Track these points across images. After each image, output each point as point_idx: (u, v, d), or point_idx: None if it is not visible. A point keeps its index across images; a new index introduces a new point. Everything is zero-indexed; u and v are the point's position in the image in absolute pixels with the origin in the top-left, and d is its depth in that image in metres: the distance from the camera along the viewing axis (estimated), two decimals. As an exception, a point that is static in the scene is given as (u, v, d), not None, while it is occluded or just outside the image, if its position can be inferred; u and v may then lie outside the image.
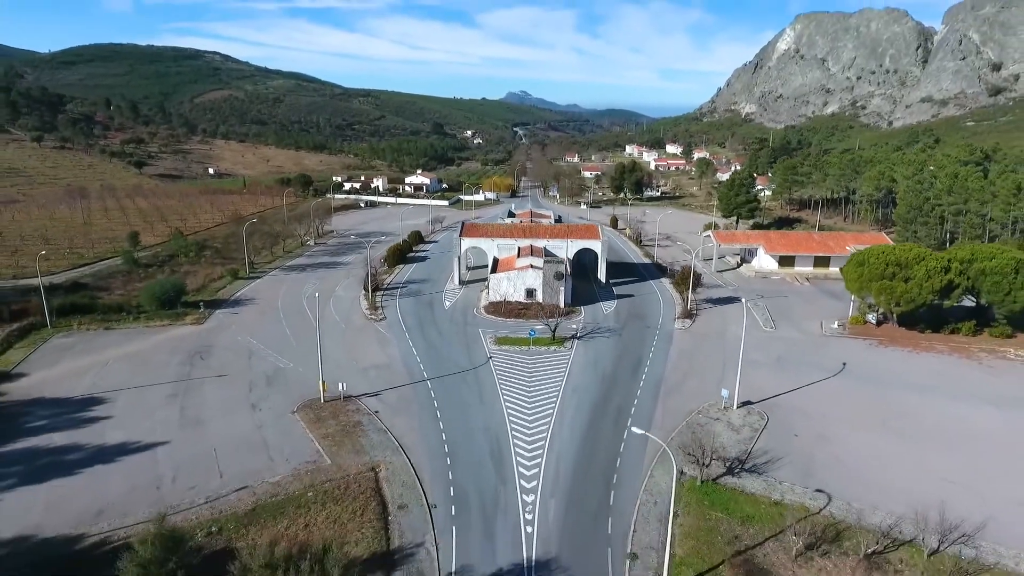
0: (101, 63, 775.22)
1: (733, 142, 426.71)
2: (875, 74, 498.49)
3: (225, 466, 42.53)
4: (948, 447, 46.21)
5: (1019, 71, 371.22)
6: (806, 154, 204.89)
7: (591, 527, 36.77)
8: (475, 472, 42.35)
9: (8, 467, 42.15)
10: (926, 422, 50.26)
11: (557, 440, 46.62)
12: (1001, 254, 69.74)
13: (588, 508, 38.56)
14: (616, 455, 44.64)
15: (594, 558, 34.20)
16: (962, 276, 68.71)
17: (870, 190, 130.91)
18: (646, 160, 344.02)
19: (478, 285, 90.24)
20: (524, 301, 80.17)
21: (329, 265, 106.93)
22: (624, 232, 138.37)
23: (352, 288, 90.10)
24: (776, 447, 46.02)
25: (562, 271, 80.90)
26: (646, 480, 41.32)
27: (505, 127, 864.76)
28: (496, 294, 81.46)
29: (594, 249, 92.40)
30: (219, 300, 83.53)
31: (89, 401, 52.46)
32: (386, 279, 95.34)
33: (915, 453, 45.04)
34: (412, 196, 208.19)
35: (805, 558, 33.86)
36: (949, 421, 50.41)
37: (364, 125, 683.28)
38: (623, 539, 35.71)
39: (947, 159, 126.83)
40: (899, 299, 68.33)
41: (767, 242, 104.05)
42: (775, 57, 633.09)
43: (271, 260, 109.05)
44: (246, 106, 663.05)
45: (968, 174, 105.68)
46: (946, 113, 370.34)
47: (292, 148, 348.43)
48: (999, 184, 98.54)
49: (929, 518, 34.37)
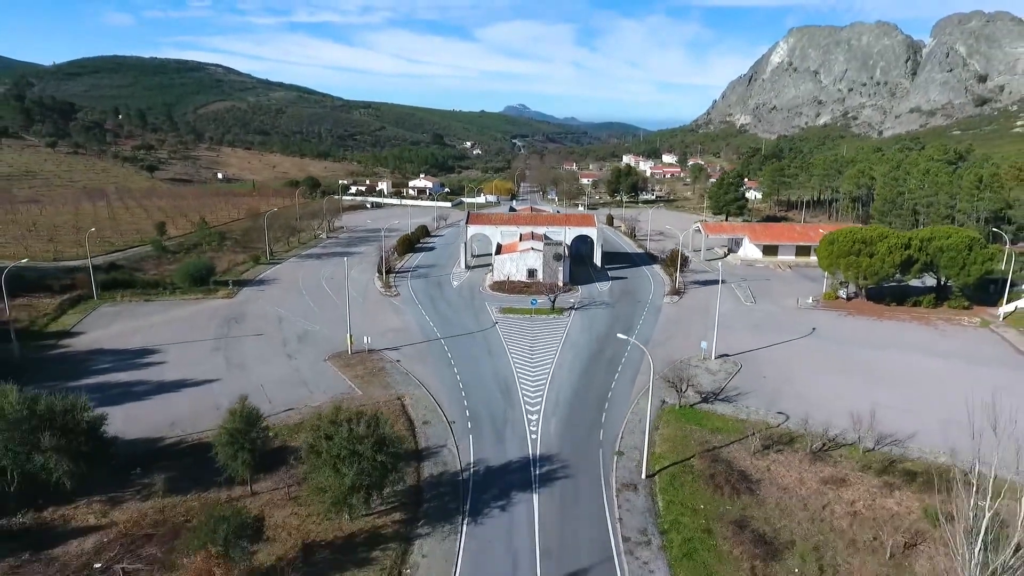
0: (106, 74, 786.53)
1: (728, 152, 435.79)
2: (866, 86, 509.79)
3: (272, 396, 49.61)
4: (894, 386, 53.37)
5: (1004, 82, 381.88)
6: (792, 157, 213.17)
7: (585, 435, 43.86)
8: (486, 401, 49.44)
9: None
10: (879, 369, 57.45)
11: (557, 380, 53.76)
12: (957, 233, 77.31)
13: (583, 423, 45.66)
14: (608, 389, 51.79)
15: (587, 455, 41.25)
16: (921, 252, 76.20)
17: (851, 188, 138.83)
18: (642, 168, 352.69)
19: (483, 270, 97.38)
20: (526, 280, 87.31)
21: (342, 254, 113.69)
22: (620, 228, 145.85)
23: (366, 272, 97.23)
24: (746, 385, 53.19)
25: (561, 252, 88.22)
26: (633, 405, 48.46)
27: (504, 139, 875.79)
28: (500, 274, 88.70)
29: (590, 236, 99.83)
30: (245, 280, 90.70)
31: (144, 352, 59.49)
32: (397, 264, 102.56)
33: (866, 389, 52.10)
34: (416, 199, 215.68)
35: (762, 454, 40.93)
36: (899, 368, 57.64)
37: (365, 136, 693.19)
38: (612, 443, 42.80)
39: (921, 157, 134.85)
40: (864, 272, 75.75)
41: (752, 233, 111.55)
42: (769, 70, 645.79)
43: (288, 250, 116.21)
44: (249, 117, 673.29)
45: (939, 169, 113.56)
46: (934, 123, 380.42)
47: (297, 155, 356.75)
48: (964, 178, 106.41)
49: (868, 428, 41.51)
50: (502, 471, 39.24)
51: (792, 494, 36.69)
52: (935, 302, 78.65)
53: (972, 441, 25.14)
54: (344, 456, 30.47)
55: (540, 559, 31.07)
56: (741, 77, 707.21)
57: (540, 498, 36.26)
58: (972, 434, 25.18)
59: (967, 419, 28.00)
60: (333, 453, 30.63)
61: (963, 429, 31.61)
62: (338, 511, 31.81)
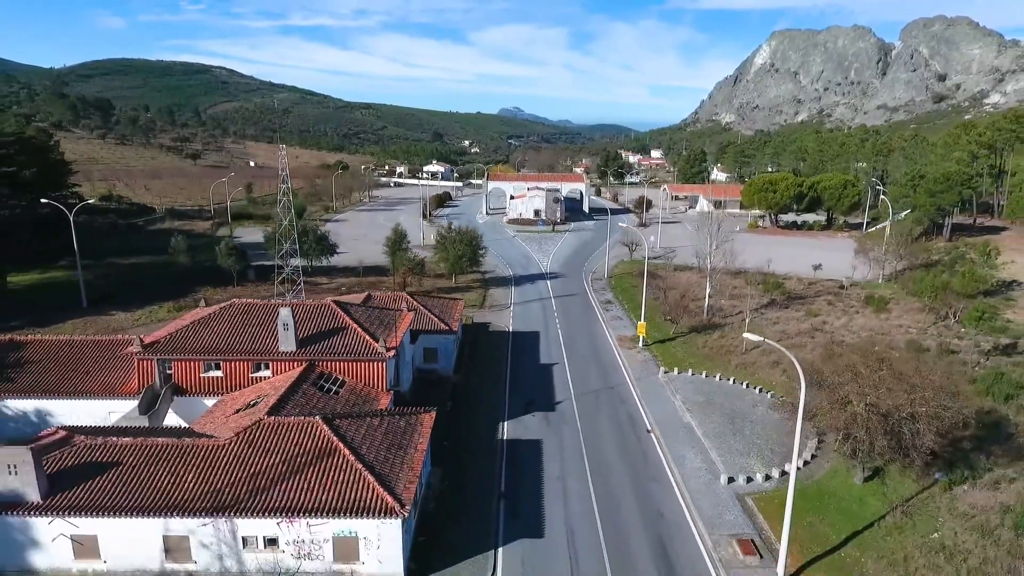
0: (117, 76, 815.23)
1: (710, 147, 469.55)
2: (840, 85, 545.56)
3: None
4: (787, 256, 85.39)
5: (960, 81, 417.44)
6: (751, 141, 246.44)
7: (576, 267, 76.46)
8: (516, 260, 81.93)
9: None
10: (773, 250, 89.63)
11: (557, 254, 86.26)
12: (836, 177, 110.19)
13: (574, 265, 78.23)
14: (588, 255, 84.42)
15: (575, 272, 73.84)
16: (810, 190, 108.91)
17: (791, 161, 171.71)
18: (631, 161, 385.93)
19: (500, 216, 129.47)
20: (532, 218, 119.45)
21: (386, 210, 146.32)
22: (606, 196, 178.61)
23: (410, 218, 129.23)
24: (682, 255, 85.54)
25: (558, 196, 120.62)
26: (607, 258, 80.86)
27: (500, 138, 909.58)
28: (514, 213, 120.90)
29: (580, 189, 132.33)
30: (325, 219, 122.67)
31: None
32: (433, 213, 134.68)
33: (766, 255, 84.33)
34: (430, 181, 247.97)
35: (673, 271, 73.31)
36: (784, 249, 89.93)
37: (368, 134, 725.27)
38: (591, 272, 75.22)
39: (840, 133, 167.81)
40: (771, 203, 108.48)
41: (704, 191, 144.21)
42: (753, 71, 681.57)
43: (343, 207, 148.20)
44: (257, 117, 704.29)
45: (850, 140, 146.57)
46: (896, 118, 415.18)
47: (314, 148, 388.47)
48: (866, 147, 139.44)
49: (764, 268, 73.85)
50: (529, 276, 71.65)
51: (681, 279, 69.07)
52: (823, 228, 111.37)
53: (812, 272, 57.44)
54: (455, 241, 62.84)
55: (555, 303, 63.26)
56: (727, 78, 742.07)
57: (551, 282, 68.73)
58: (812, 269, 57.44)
59: (810, 267, 60.18)
60: (450, 240, 62.98)
61: (807, 269, 63.96)
62: (451, 271, 64.15)
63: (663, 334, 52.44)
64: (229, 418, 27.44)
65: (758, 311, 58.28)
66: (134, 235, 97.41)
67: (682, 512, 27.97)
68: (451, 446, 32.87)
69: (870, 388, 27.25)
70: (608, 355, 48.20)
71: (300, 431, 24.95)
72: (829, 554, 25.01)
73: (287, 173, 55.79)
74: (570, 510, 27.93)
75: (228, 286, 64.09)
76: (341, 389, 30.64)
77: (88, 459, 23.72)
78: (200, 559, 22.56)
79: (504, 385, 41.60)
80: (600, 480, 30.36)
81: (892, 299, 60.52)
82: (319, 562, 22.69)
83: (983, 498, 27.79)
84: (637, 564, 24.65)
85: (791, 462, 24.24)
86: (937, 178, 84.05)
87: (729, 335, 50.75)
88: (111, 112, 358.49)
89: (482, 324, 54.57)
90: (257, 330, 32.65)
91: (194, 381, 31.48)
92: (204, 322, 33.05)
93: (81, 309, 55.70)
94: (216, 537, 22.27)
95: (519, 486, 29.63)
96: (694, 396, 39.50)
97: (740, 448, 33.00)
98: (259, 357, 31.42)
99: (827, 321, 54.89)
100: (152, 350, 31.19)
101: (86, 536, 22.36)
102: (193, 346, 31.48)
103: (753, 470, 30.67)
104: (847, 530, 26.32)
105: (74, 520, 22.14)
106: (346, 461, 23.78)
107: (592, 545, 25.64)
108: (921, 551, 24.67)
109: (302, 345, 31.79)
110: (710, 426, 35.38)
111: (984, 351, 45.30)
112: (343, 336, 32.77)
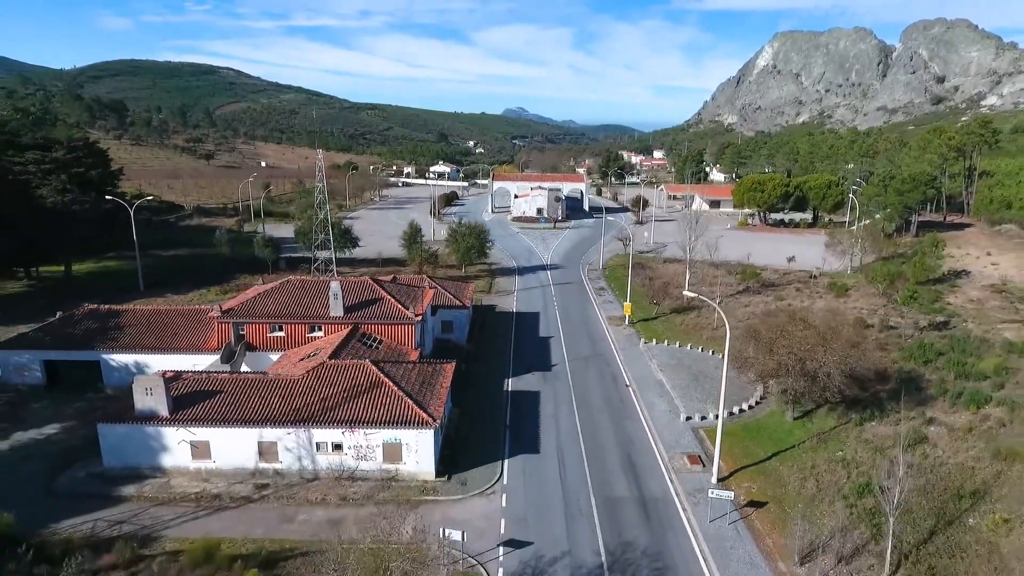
0: (126, 77, 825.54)
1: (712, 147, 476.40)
2: (842, 87, 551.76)
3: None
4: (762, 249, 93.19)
5: (959, 83, 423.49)
6: (748, 142, 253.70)
7: (574, 260, 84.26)
8: (519, 253, 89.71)
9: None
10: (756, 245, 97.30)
11: (557, 249, 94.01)
12: (821, 177, 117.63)
13: (573, 258, 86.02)
14: (586, 250, 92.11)
15: (573, 263, 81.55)
16: (796, 190, 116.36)
17: (784, 162, 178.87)
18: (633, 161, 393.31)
19: (504, 214, 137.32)
20: (535, 216, 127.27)
21: (396, 208, 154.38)
22: (606, 196, 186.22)
23: (419, 216, 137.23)
24: (672, 249, 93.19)
25: (560, 195, 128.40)
26: (601, 251, 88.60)
27: (504, 138, 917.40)
28: (518, 212, 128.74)
29: (580, 189, 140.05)
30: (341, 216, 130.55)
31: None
32: (441, 211, 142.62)
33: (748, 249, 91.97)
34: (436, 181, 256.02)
35: (662, 263, 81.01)
36: (768, 245, 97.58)
37: (374, 135, 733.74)
38: (587, 264, 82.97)
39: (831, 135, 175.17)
40: (759, 202, 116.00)
41: (700, 191, 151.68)
42: (755, 72, 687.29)
43: (356, 206, 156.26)
44: (265, 117, 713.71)
45: (840, 142, 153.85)
46: (895, 120, 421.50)
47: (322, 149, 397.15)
48: (854, 148, 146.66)
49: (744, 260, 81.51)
50: (531, 268, 79.45)
51: (669, 270, 76.79)
52: (809, 225, 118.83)
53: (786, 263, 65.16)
54: (464, 234, 70.76)
55: (554, 290, 71.03)
56: (730, 79, 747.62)
57: (551, 272, 76.54)
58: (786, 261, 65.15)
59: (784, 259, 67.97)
60: (460, 233, 70.92)
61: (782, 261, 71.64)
62: (461, 262, 72.03)
63: (647, 314, 60.21)
64: (296, 364, 35.39)
65: (733, 296, 66.01)
66: (167, 231, 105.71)
67: (648, 439, 35.85)
68: (467, 395, 40.76)
69: (795, 342, 35.02)
70: (598, 330, 56.05)
71: (355, 370, 32.88)
72: (756, 465, 32.84)
73: (323, 173, 63.75)
74: (561, 437, 35.84)
75: (264, 273, 72.11)
76: (380, 345, 38.59)
77: (197, 388, 31.71)
78: (285, 460, 30.50)
79: (509, 352, 49.49)
80: (585, 418, 38.24)
81: (854, 286, 68.11)
82: (372, 463, 30.57)
83: (884, 430, 35.53)
84: (610, 470, 32.50)
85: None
86: (904, 179, 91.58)
87: (704, 315, 58.50)
88: (125, 113, 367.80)
89: (489, 306, 62.51)
90: (311, 300, 40.62)
91: (262, 339, 39.46)
92: (268, 294, 41.02)
93: (139, 292, 63.74)
94: (297, 442, 30.21)
95: (521, 421, 37.56)
96: (668, 360, 47.30)
97: (699, 396, 40.80)
98: (314, 321, 39.38)
99: (792, 304, 62.51)
100: (229, 315, 39.16)
101: (201, 442, 30.34)
102: (261, 312, 39.45)
103: (707, 411, 38.48)
104: (773, 450, 34.16)
105: (192, 429, 30.11)
106: (390, 390, 31.70)
107: (576, 458, 33.53)
108: (826, 462, 32.47)
109: (347, 312, 39.72)
110: (677, 381, 43.18)
111: (920, 327, 52.89)
112: (379, 305, 40.70)
